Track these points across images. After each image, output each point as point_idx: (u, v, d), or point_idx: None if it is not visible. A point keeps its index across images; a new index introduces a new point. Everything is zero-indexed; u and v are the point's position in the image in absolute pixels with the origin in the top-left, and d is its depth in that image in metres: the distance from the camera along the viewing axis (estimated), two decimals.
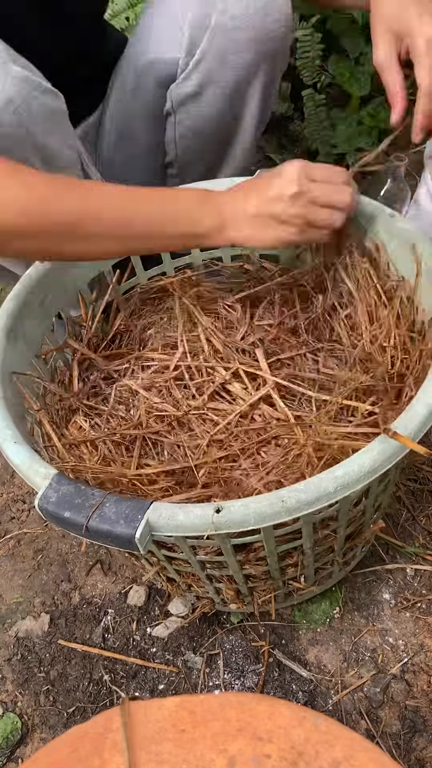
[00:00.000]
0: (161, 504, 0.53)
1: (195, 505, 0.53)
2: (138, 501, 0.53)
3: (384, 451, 0.53)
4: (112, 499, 0.53)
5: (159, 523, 0.52)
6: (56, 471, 0.56)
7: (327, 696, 0.76)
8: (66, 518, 0.53)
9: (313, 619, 0.82)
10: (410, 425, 0.54)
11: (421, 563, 0.85)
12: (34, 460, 0.58)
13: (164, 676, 0.80)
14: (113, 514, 0.52)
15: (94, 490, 0.54)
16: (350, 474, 0.52)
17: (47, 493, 0.55)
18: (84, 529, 0.52)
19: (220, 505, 0.52)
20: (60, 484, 0.55)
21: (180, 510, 0.52)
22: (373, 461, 0.53)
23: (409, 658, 0.78)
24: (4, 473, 1.03)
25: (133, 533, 0.51)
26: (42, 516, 0.55)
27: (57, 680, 0.81)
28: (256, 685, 0.78)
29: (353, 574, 0.84)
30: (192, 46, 0.83)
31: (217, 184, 0.86)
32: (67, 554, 0.92)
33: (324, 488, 0.52)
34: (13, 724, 0.78)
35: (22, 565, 0.92)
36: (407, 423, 0.54)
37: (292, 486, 0.52)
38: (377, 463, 0.53)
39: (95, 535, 0.53)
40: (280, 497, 0.51)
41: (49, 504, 0.54)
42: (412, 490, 0.92)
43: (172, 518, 0.52)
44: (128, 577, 0.89)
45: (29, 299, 0.74)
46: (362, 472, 0.52)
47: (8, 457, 0.59)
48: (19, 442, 0.60)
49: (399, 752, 0.72)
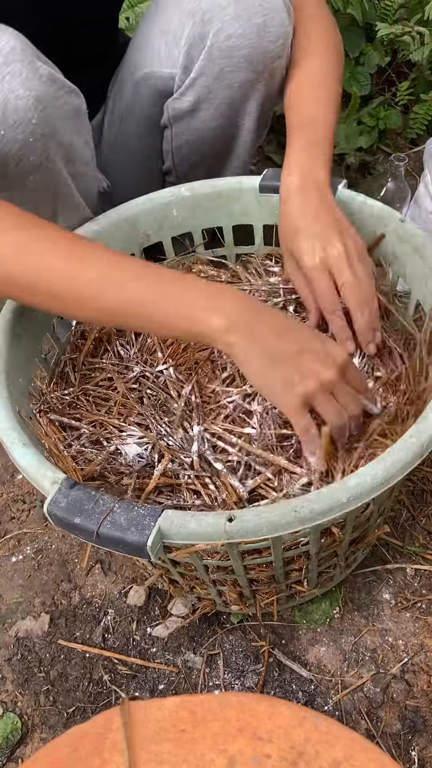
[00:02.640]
0: (173, 511, 0.52)
1: (207, 514, 0.52)
2: (149, 508, 0.52)
3: (397, 462, 0.53)
4: (123, 505, 0.53)
5: (171, 530, 0.52)
6: (65, 475, 0.55)
7: (327, 696, 0.76)
8: (76, 524, 0.52)
9: (313, 619, 0.82)
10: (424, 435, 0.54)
11: (421, 563, 0.85)
12: (42, 464, 0.57)
13: (164, 676, 0.80)
14: (124, 520, 0.52)
15: (104, 496, 0.53)
16: (363, 485, 0.52)
17: (57, 498, 0.54)
18: (95, 536, 0.52)
19: (232, 513, 0.51)
20: (69, 489, 0.54)
21: (192, 518, 0.52)
22: (386, 472, 0.53)
23: (409, 658, 0.78)
24: (4, 473, 1.03)
25: (145, 541, 0.51)
26: (51, 521, 0.54)
27: (57, 680, 0.81)
28: (256, 685, 0.78)
29: (353, 575, 0.84)
30: (188, 63, 0.82)
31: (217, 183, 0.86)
32: (67, 554, 0.92)
33: (337, 499, 0.52)
34: (13, 724, 0.78)
35: (22, 565, 0.92)
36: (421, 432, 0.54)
37: (304, 496, 0.52)
38: (390, 474, 0.53)
39: (106, 542, 0.52)
40: (293, 507, 0.51)
41: (59, 509, 0.53)
42: (412, 490, 0.92)
43: (184, 526, 0.51)
44: (128, 577, 0.89)
45: None
46: (375, 483, 0.52)
47: (15, 461, 0.58)
48: (26, 445, 0.59)
49: (399, 752, 0.72)
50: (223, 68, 0.81)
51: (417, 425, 0.55)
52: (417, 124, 1.41)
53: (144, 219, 0.85)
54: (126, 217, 0.83)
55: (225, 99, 0.85)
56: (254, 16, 0.77)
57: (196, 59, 0.81)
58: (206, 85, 0.83)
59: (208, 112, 0.87)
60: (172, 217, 0.86)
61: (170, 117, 0.90)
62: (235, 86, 0.83)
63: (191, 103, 0.86)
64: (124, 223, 0.83)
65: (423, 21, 1.29)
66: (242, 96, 0.85)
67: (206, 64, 0.81)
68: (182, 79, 0.85)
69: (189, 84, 0.84)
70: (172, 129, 0.92)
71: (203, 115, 0.87)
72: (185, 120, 0.89)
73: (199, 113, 0.87)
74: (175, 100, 0.87)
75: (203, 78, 0.83)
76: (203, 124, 0.89)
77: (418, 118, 1.40)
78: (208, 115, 0.87)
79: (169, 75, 0.86)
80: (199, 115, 0.88)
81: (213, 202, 0.85)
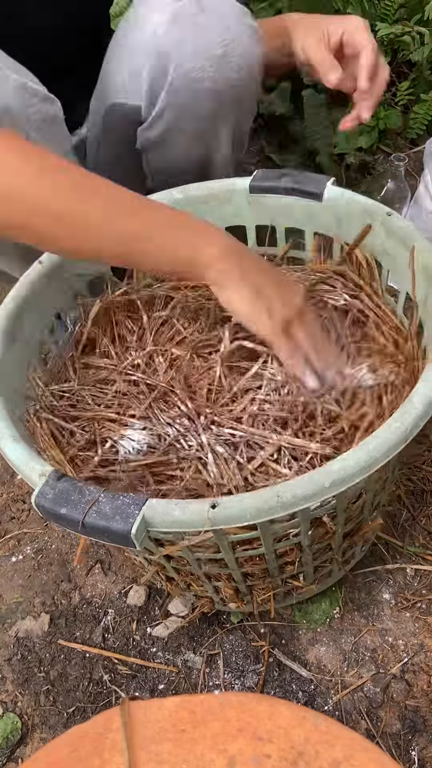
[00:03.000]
0: (157, 500, 0.53)
1: (190, 501, 0.53)
2: (133, 497, 0.53)
3: (380, 446, 0.53)
4: (108, 495, 0.53)
5: (155, 519, 0.52)
6: (52, 468, 0.57)
7: (327, 696, 0.77)
8: (62, 515, 0.53)
9: (313, 618, 0.82)
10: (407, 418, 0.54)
11: (421, 563, 0.85)
12: (31, 458, 0.58)
13: (164, 676, 0.80)
14: (109, 510, 0.52)
15: (90, 487, 0.54)
16: (346, 469, 0.52)
17: (44, 490, 0.55)
18: (80, 525, 0.53)
19: (215, 500, 0.52)
20: (56, 481, 0.55)
21: (176, 506, 0.52)
22: (369, 456, 0.53)
23: (409, 658, 0.78)
24: (4, 473, 1.03)
25: (129, 529, 0.51)
26: (39, 512, 0.56)
27: (57, 680, 0.81)
28: (256, 685, 0.78)
29: (353, 574, 0.84)
30: (153, 97, 0.81)
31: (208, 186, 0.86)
32: (67, 554, 0.92)
33: (320, 483, 0.52)
34: (13, 724, 0.78)
35: (22, 565, 0.92)
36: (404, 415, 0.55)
37: (287, 481, 0.53)
38: (373, 458, 0.53)
39: (92, 531, 0.53)
40: (276, 492, 0.52)
41: (46, 501, 0.54)
42: (412, 490, 0.92)
43: (168, 514, 0.52)
44: (128, 577, 0.89)
45: (28, 300, 0.74)
46: (358, 467, 0.53)
47: (5, 455, 0.60)
48: (16, 440, 0.60)
49: (399, 752, 0.72)
50: (187, 102, 0.80)
51: (401, 409, 0.55)
52: (417, 124, 1.41)
53: None
54: None
55: (194, 130, 0.84)
56: (213, 48, 0.76)
57: (159, 91, 0.80)
58: (173, 118, 0.82)
59: (178, 143, 0.86)
60: None
61: (142, 144, 0.89)
62: (202, 117, 0.82)
63: (160, 133, 0.85)
64: None
65: (423, 21, 1.29)
66: (211, 126, 0.84)
67: (170, 98, 0.80)
68: (148, 111, 0.83)
69: (156, 116, 0.83)
70: (147, 155, 0.91)
71: (174, 145, 0.87)
72: (157, 149, 0.88)
73: (169, 143, 0.86)
74: (144, 130, 0.86)
75: (169, 111, 0.82)
76: (175, 154, 0.88)
77: (418, 118, 1.40)
78: (178, 145, 0.87)
79: (137, 106, 0.85)
80: (170, 145, 0.87)
81: (206, 205, 0.85)
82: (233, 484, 0.65)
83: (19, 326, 0.72)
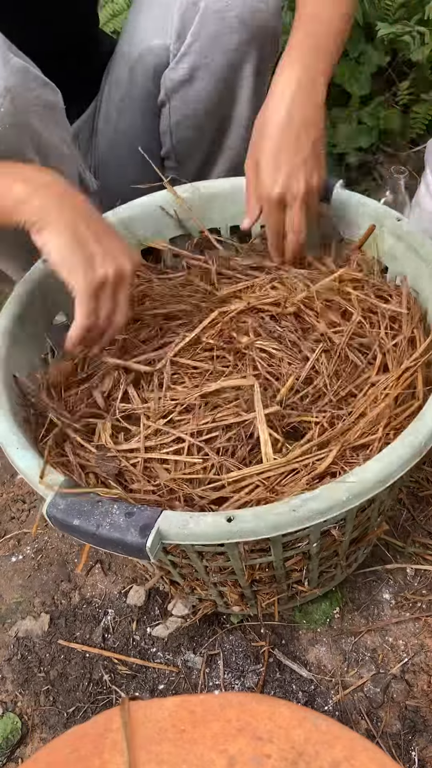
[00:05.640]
0: (172, 512, 0.52)
1: (206, 514, 0.52)
2: (148, 509, 0.52)
3: (397, 459, 0.53)
4: (122, 506, 0.52)
5: (170, 531, 0.51)
6: (64, 477, 0.55)
7: (327, 696, 0.76)
8: (75, 526, 0.52)
9: (313, 619, 0.82)
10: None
11: (421, 563, 0.85)
12: (40, 466, 0.57)
13: (164, 676, 0.80)
14: (123, 522, 0.51)
15: (102, 497, 0.53)
16: (364, 482, 0.52)
17: (55, 501, 0.54)
18: (94, 537, 0.52)
19: (231, 514, 0.51)
20: (67, 491, 0.54)
21: (191, 519, 0.52)
22: (385, 470, 0.52)
23: (409, 658, 0.78)
24: (4, 473, 1.03)
25: (144, 542, 0.50)
26: (50, 523, 0.54)
27: (57, 680, 0.81)
28: (256, 685, 0.78)
29: (354, 574, 0.84)
30: (182, 30, 0.84)
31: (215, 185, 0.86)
32: (67, 554, 0.92)
33: (337, 498, 0.51)
34: (13, 724, 0.78)
35: (22, 565, 0.92)
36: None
37: (302, 494, 0.52)
38: (389, 472, 0.53)
39: (105, 543, 0.52)
40: (292, 507, 0.51)
41: (58, 511, 0.53)
42: (412, 491, 0.92)
43: (184, 527, 0.51)
44: (128, 577, 0.89)
45: (30, 301, 0.73)
46: (376, 480, 0.52)
47: (14, 463, 0.58)
48: (24, 448, 0.59)
49: (399, 752, 0.72)
50: (217, 30, 0.83)
51: (415, 423, 0.55)
52: (417, 124, 1.41)
53: (140, 221, 0.85)
54: (121, 219, 0.83)
55: (221, 64, 0.86)
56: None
57: (190, 24, 0.83)
58: (201, 50, 0.85)
59: (204, 81, 0.88)
60: (168, 220, 0.86)
61: (167, 90, 0.91)
62: (229, 50, 0.84)
63: (187, 70, 0.87)
64: (120, 225, 0.83)
65: (423, 21, 1.29)
66: (237, 60, 0.86)
67: (200, 29, 0.83)
68: (177, 47, 0.86)
69: (184, 51, 0.86)
70: (170, 103, 0.92)
71: (199, 84, 0.88)
72: (182, 91, 0.90)
73: (196, 82, 0.88)
74: (171, 71, 0.89)
75: (198, 43, 0.84)
76: (200, 94, 0.90)
77: (418, 118, 1.40)
78: (204, 84, 0.88)
79: (162, 47, 0.87)
80: (196, 84, 0.89)
81: (210, 204, 0.85)
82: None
83: (22, 327, 0.72)
